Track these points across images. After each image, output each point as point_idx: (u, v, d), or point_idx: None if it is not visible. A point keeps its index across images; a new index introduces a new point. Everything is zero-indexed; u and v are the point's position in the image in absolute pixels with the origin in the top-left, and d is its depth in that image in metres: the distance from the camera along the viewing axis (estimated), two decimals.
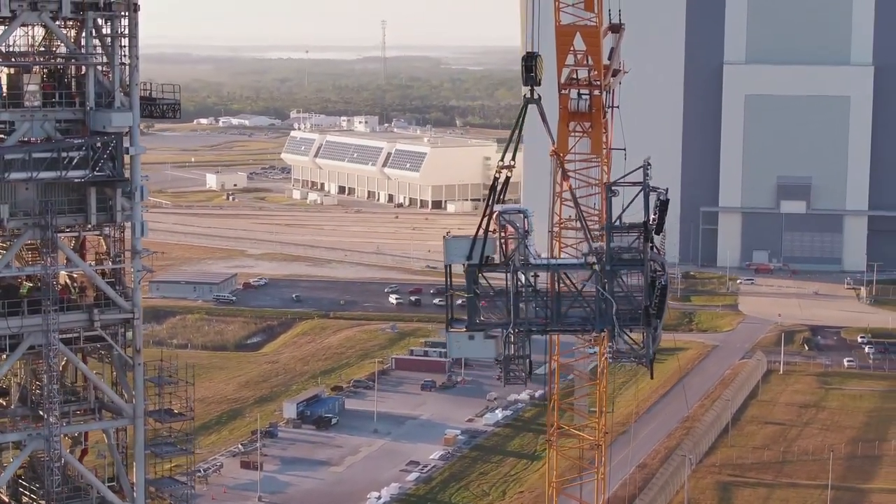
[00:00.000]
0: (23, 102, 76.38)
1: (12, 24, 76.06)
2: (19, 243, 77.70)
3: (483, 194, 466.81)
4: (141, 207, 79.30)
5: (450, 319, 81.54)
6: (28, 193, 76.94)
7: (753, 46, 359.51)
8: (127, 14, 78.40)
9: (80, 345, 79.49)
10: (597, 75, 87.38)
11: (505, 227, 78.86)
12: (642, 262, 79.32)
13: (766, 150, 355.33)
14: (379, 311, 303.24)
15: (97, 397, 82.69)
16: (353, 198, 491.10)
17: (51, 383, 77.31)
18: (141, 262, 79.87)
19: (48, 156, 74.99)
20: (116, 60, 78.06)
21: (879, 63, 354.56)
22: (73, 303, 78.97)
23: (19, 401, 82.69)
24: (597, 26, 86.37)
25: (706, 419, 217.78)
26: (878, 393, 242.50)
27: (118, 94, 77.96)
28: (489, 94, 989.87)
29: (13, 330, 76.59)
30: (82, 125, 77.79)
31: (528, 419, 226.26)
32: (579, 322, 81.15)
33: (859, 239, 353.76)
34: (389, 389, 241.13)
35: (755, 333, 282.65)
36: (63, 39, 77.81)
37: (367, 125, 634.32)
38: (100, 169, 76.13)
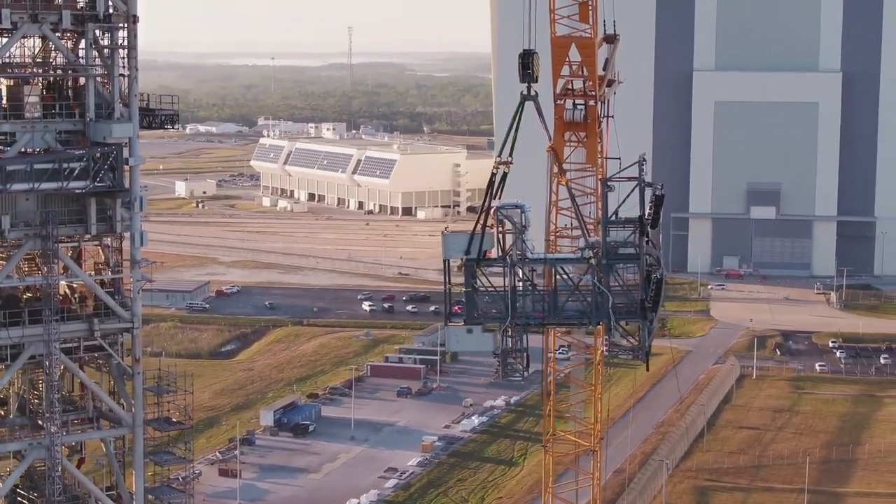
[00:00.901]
0: (23, 114, 76.76)
1: (13, 35, 76.50)
2: (20, 254, 78.09)
3: (453, 200, 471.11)
4: (140, 217, 79.79)
5: (448, 314, 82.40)
6: (28, 204, 77.36)
7: (723, 53, 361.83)
8: (126, 25, 78.87)
9: (79, 354, 79.85)
10: (592, 86, 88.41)
11: (502, 223, 79.80)
12: (638, 256, 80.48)
13: (735, 156, 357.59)
14: (352, 318, 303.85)
15: (95, 406, 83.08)
16: (323, 205, 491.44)
17: (51, 393, 77.68)
18: (140, 271, 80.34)
19: (49, 167, 75.44)
20: (116, 71, 78.53)
21: (847, 69, 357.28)
22: (74, 313, 79.35)
23: (18, 410, 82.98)
24: (591, 37, 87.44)
25: (682, 424, 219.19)
26: (850, 397, 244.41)
27: (118, 104, 78.40)
28: (455, 100, 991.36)
29: (14, 340, 76.99)
30: (82, 136, 78.24)
31: (505, 425, 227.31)
32: (576, 316, 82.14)
33: (828, 244, 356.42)
34: (365, 396, 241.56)
35: (727, 339, 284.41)
36: (63, 51, 78.31)
37: (334, 132, 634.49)
38: (100, 179, 76.68)
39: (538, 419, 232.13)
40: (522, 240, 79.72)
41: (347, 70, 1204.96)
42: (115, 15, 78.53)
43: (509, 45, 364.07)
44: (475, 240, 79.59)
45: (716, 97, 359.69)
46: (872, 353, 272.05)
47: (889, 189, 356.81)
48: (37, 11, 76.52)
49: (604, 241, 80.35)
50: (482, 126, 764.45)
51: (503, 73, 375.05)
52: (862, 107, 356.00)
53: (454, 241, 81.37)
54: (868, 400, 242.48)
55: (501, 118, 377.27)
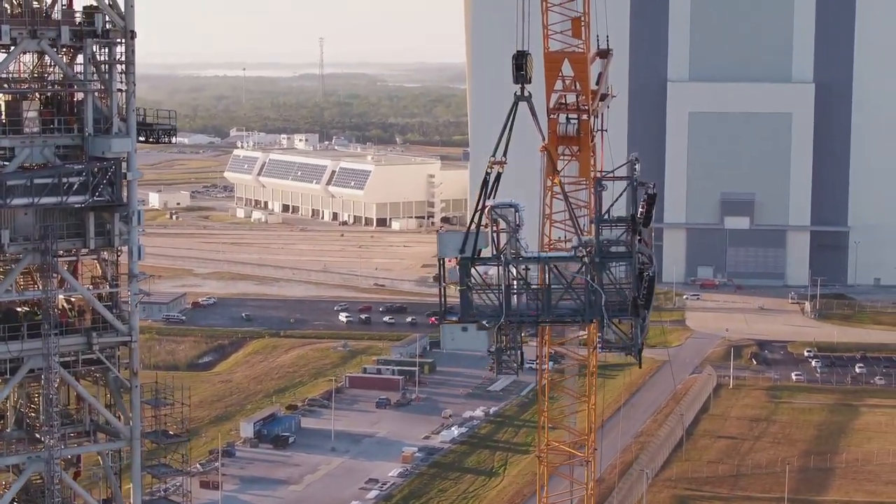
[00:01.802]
0: (22, 129, 77.16)
1: (12, 51, 76.92)
2: (19, 268, 78.39)
3: (427, 211, 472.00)
4: (138, 231, 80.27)
5: (443, 312, 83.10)
6: (27, 218, 77.66)
7: (697, 64, 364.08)
8: (123, 41, 79.37)
9: (77, 368, 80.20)
10: (585, 100, 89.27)
11: (497, 221, 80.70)
12: (630, 254, 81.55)
13: (709, 166, 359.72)
14: (329, 329, 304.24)
15: (92, 419, 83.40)
16: (298, 216, 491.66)
17: (50, 406, 78.01)
18: (137, 285, 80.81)
19: (49, 181, 75.82)
20: (114, 87, 79.02)
21: (820, 80, 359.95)
22: (72, 326, 79.72)
23: (15, 424, 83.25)
24: (584, 53, 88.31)
25: (660, 433, 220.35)
26: (826, 406, 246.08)
27: (116, 119, 78.89)
28: (427, 110, 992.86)
29: (13, 354, 77.27)
30: (80, 151, 78.64)
31: (484, 435, 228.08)
32: (569, 313, 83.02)
33: (802, 254, 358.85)
34: (344, 407, 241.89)
35: (703, 348, 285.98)
36: (62, 67, 78.73)
37: (307, 143, 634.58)
38: (99, 194, 77.04)
39: (517, 429, 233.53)
40: (516, 238, 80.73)
41: (319, 81, 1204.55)
42: (112, 30, 78.98)
43: (484, 56, 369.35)
44: (470, 239, 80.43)
45: (690, 108, 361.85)
46: (847, 363, 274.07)
47: (862, 199, 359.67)
48: (36, 27, 76.90)
49: (597, 239, 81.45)
50: (454, 137, 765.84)
51: (478, 84, 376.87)
52: (835, 117, 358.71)
53: (449, 239, 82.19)
54: (844, 409, 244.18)
55: (477, 128, 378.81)
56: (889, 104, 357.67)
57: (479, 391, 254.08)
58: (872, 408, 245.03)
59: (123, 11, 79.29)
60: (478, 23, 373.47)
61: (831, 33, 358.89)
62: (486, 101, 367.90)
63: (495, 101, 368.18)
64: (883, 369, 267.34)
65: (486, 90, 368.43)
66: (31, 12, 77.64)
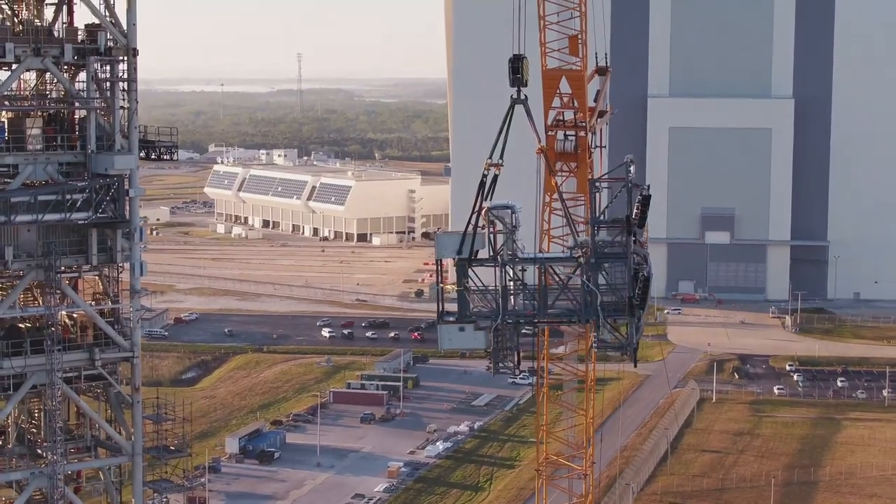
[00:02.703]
0: (26, 146, 77.65)
1: (16, 69, 77.43)
2: (23, 284, 78.87)
3: (408, 226, 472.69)
4: (140, 247, 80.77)
5: (441, 312, 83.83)
6: (30, 235, 78.18)
7: (677, 80, 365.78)
8: (125, 59, 79.95)
9: (80, 383, 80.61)
10: (582, 117, 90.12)
11: (493, 223, 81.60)
12: (626, 255, 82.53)
13: (690, 181, 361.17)
14: (312, 345, 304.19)
15: (93, 435, 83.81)
16: (278, 231, 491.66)
17: (54, 422, 78.39)
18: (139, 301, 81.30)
19: (52, 198, 76.34)
20: (116, 104, 79.57)
21: (799, 95, 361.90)
22: (74, 342, 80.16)
23: (16, 440, 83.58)
24: (581, 70, 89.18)
25: (645, 448, 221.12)
26: (809, 420, 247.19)
27: (118, 136, 79.42)
28: (405, 126, 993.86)
29: (17, 370, 77.69)
30: (83, 168, 79.16)
31: (469, 450, 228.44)
32: (565, 314, 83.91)
33: (782, 268, 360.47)
34: (329, 423, 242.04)
35: (686, 363, 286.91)
36: (66, 85, 79.28)
37: (286, 158, 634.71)
38: (102, 211, 77.64)
39: (502, 444, 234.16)
40: (513, 240, 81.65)
41: (296, 96, 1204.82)
42: (115, 48, 79.58)
43: (465, 72, 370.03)
44: (467, 240, 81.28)
45: (670, 123, 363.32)
46: (829, 376, 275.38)
47: (841, 213, 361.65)
48: (39, 45, 77.51)
49: (592, 240, 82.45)
50: (433, 152, 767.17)
51: (459, 99, 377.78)
52: (814, 132, 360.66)
53: (447, 241, 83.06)
54: (827, 422, 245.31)
55: (458, 144, 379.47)
56: (867, 120, 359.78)
57: (463, 406, 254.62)
58: (855, 421, 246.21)
59: (126, 29, 79.94)
60: (459, 39, 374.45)
61: (810, 50, 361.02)
62: (467, 117, 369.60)
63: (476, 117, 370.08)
64: (864, 383, 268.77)
65: (467, 106, 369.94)
66: (35, 30, 78.25)
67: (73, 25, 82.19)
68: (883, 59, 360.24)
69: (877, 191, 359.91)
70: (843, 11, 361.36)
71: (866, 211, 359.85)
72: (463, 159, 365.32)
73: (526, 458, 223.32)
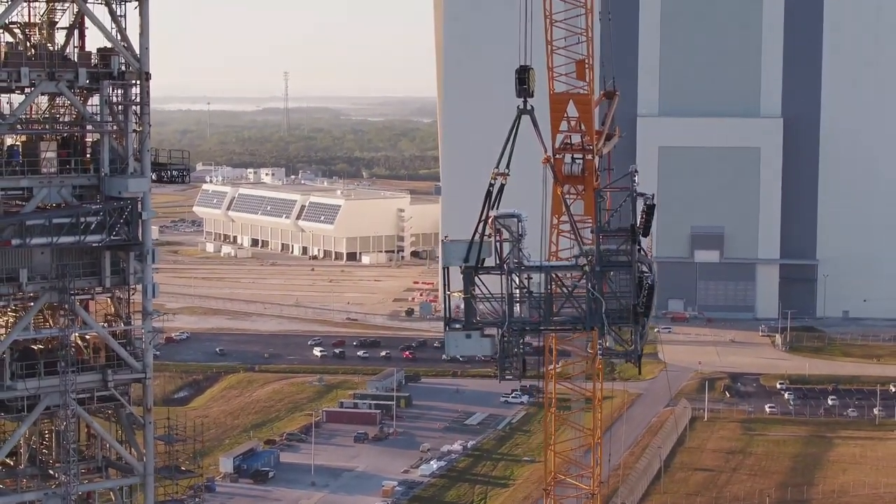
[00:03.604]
0: (40, 169, 78.37)
1: (31, 93, 78.19)
2: (37, 307, 79.49)
3: (397, 245, 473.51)
4: (152, 270, 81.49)
5: (447, 319, 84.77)
6: (43, 258, 78.86)
7: (666, 99, 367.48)
8: (139, 83, 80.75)
9: (93, 405, 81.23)
10: (589, 140, 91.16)
11: (500, 231, 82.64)
12: (630, 263, 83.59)
13: (679, 200, 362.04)
14: (304, 364, 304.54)
15: (104, 455, 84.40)
16: (267, 250, 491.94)
17: (68, 443, 78.97)
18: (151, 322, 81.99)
19: (67, 221, 77.04)
20: (129, 127, 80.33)
21: (788, 115, 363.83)
22: (87, 364, 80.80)
23: (28, 461, 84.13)
24: (588, 94, 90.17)
25: (638, 466, 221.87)
26: (801, 438, 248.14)
27: (131, 160, 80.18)
28: (392, 144, 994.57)
29: (31, 391, 78.28)
30: (96, 191, 79.88)
31: (463, 469, 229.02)
32: (571, 321, 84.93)
33: (771, 287, 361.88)
34: (322, 442, 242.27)
35: (677, 381, 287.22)
36: (80, 108, 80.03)
37: (273, 177, 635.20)
38: (116, 233, 78.38)
39: (496, 463, 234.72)
40: (519, 248, 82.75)
41: (283, 115, 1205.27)
42: (128, 72, 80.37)
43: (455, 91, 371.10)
44: (474, 248, 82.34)
45: (659, 142, 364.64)
46: (820, 395, 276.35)
47: (830, 232, 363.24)
48: (54, 69, 78.31)
49: (597, 248, 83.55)
50: (420, 171, 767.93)
51: (449, 119, 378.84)
52: (803, 152, 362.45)
53: (454, 249, 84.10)
54: (818, 441, 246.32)
55: (448, 163, 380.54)
56: (855, 139, 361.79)
57: (455, 425, 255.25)
58: (846, 439, 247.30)
59: (138, 53, 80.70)
60: (450, 58, 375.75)
61: (798, 69, 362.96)
62: (457, 136, 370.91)
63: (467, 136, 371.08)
64: (855, 401, 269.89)
65: (457, 125, 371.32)
66: (50, 55, 79.01)
67: (84, 49, 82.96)
68: (870, 78, 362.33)
69: (865, 210, 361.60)
70: (830, 31, 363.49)
71: (855, 230, 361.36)
72: (453, 179, 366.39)
73: (520, 476, 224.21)
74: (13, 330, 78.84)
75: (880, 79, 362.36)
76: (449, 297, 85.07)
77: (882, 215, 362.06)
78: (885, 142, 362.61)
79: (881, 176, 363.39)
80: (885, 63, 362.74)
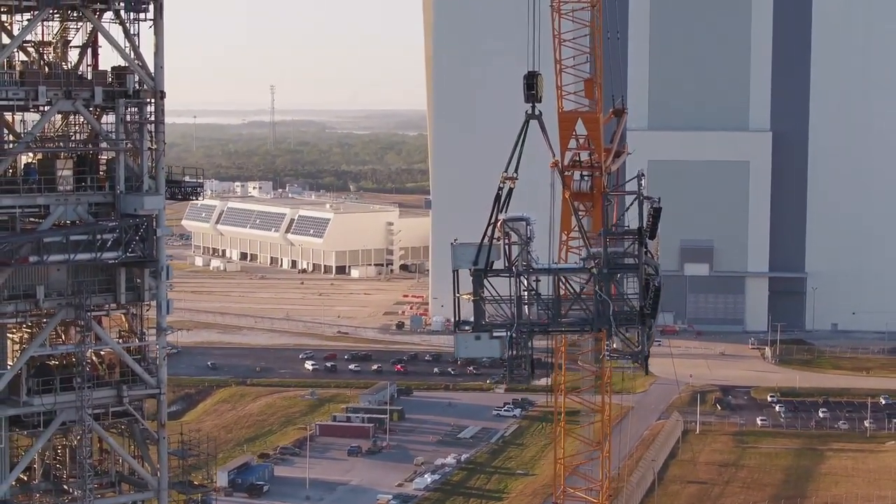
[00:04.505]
0: (56, 186, 79.10)
1: (48, 111, 78.92)
2: (53, 323, 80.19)
3: (386, 259, 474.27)
4: (167, 286, 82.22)
5: (457, 322, 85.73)
6: (59, 274, 79.61)
7: (655, 113, 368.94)
8: (153, 101, 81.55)
9: (107, 420, 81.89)
10: (598, 158, 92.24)
11: (508, 234, 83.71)
12: (637, 265, 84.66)
13: (669, 214, 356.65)
14: (296, 378, 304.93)
15: (117, 470, 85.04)
16: (256, 264, 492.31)
17: (83, 458, 79.61)
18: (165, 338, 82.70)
19: (84, 238, 77.76)
20: (145, 145, 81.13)
21: (776, 129, 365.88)
22: (102, 380, 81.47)
23: (42, 476, 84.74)
24: (596, 113, 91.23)
25: (632, 480, 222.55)
26: (792, 451, 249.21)
27: (146, 177, 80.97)
28: (378, 158, 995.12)
29: (47, 407, 78.92)
30: (111, 208, 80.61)
31: (457, 483, 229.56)
32: (578, 323, 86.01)
33: (761, 300, 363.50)
34: (316, 456, 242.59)
35: (668, 394, 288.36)
36: (96, 127, 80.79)
37: (261, 190, 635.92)
38: (132, 250, 79.13)
39: (489, 476, 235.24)
40: (527, 251, 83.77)
41: (269, 128, 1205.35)
42: (143, 91, 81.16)
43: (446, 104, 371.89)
44: (483, 251, 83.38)
45: (649, 156, 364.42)
46: (810, 407, 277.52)
47: (819, 245, 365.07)
48: (70, 88, 79.04)
49: (605, 251, 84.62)
50: (407, 184, 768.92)
51: (440, 133, 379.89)
52: (791, 165, 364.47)
53: (463, 252, 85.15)
54: (810, 453, 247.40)
55: (438, 176, 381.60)
56: (843, 153, 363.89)
57: (448, 438, 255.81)
58: (838, 452, 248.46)
59: (153, 72, 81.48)
60: (439, 72, 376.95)
61: (787, 84, 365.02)
62: (448, 150, 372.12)
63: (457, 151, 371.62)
64: (846, 414, 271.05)
65: (447, 139, 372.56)
66: (66, 74, 79.78)
67: (97, 68, 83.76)
68: (858, 92, 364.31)
69: (853, 223, 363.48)
70: (819, 46, 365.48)
71: (843, 243, 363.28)
72: (443, 192, 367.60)
73: (514, 490, 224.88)
74: (29, 346, 79.52)
75: (868, 93, 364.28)
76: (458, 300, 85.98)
77: (870, 228, 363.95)
78: (873, 155, 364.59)
79: (869, 189, 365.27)
80: (873, 77, 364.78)
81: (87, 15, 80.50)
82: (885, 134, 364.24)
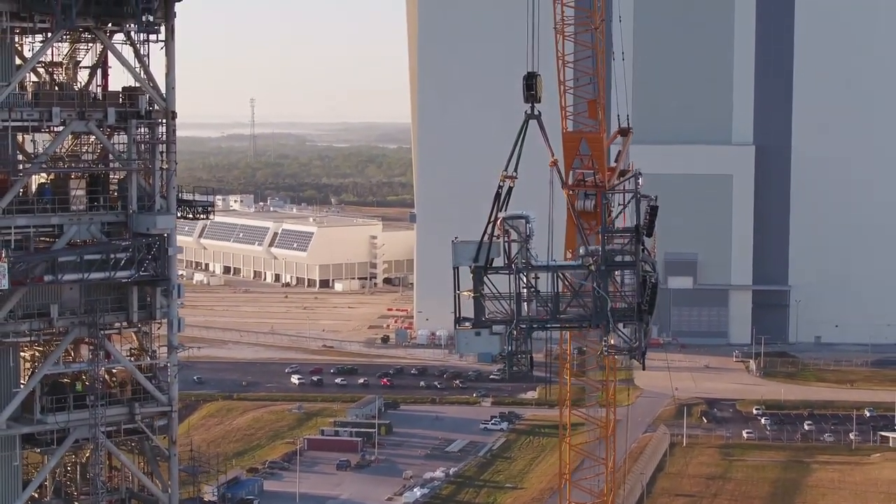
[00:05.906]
0: (70, 206, 79.83)
1: (62, 132, 79.65)
2: (67, 341, 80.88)
3: (370, 272, 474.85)
4: (178, 304, 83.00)
5: (457, 318, 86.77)
6: (72, 293, 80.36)
7: (639, 127, 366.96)
8: (165, 121, 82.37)
9: (120, 437, 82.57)
10: (602, 177, 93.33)
11: (508, 232, 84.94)
12: (634, 262, 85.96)
13: None
14: (282, 392, 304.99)
15: (127, 487, 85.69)
16: (240, 278, 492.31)
17: (96, 475, 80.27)
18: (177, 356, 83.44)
19: (98, 257, 78.50)
20: (157, 165, 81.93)
21: (759, 142, 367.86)
22: (115, 397, 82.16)
23: (53, 493, 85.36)
24: (599, 133, 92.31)
25: (621, 493, 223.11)
26: (779, 463, 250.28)
27: (158, 197, 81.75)
28: (359, 170, 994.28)
29: (61, 424, 79.57)
30: (123, 227, 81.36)
31: (447, 496, 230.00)
32: (577, 319, 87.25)
33: (744, 313, 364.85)
34: (305, 470, 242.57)
35: (654, 407, 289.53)
36: (109, 147, 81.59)
37: (242, 203, 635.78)
38: (144, 269, 79.88)
39: (478, 490, 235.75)
40: (527, 248, 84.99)
41: (248, 141, 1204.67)
42: (154, 111, 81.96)
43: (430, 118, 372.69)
44: (483, 249, 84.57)
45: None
46: (796, 420, 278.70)
47: (802, 258, 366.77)
48: (84, 109, 79.80)
49: (602, 248, 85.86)
50: (388, 197, 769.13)
51: (424, 146, 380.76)
52: (774, 179, 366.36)
53: (463, 249, 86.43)
54: (797, 466, 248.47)
55: (423, 190, 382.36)
56: (826, 166, 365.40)
57: (437, 452, 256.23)
58: (824, 464, 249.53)
59: (164, 93, 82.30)
60: (424, 85, 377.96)
61: (770, 98, 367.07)
62: (431, 164, 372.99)
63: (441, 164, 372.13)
64: (831, 426, 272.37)
65: (431, 153, 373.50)
66: (80, 95, 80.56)
67: (107, 88, 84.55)
68: (841, 106, 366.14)
69: (836, 236, 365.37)
70: (801, 59, 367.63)
71: (826, 256, 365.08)
72: (428, 206, 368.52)
73: (503, 503, 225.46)
74: (43, 364, 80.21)
75: (851, 106, 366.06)
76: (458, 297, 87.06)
77: (853, 241, 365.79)
78: (856, 169, 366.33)
79: (852, 202, 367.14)
80: (856, 91, 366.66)
81: (99, 36, 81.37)
82: (868, 147, 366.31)
